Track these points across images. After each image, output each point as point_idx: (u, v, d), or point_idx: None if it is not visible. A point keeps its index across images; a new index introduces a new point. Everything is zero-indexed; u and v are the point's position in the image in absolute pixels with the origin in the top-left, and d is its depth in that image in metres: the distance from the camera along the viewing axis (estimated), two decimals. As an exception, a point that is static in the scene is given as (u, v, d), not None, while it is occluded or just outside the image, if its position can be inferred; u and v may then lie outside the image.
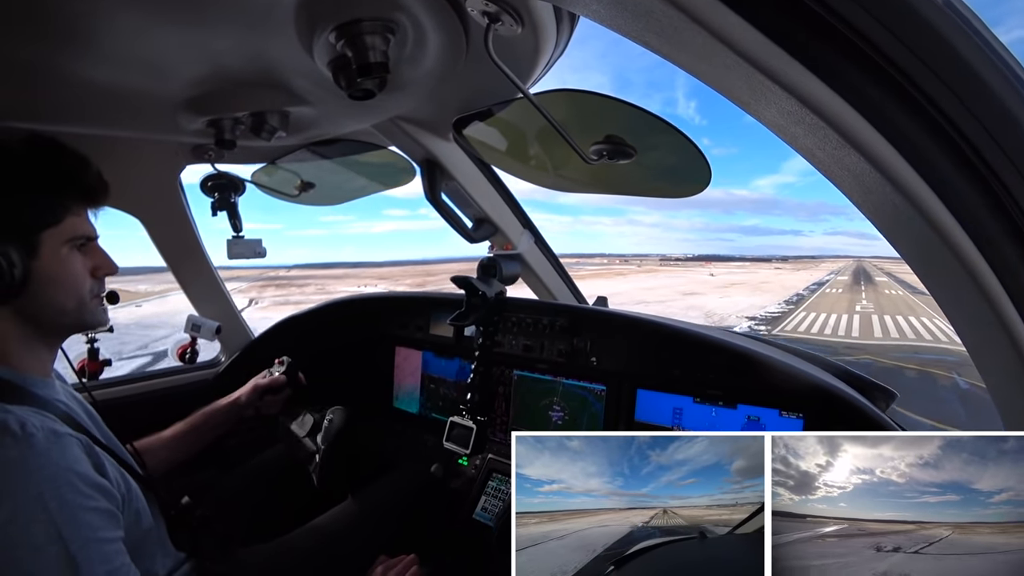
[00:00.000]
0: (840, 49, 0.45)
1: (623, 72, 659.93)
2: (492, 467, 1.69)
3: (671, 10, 0.47)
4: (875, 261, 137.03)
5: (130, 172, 1.67)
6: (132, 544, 0.83)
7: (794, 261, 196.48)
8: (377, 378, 2.17)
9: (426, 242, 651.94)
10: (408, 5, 0.78)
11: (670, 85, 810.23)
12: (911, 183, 0.50)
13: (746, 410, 1.39)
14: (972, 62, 0.44)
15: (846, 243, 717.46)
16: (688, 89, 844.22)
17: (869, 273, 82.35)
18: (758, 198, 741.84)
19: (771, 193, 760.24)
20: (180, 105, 1.16)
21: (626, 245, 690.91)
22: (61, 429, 0.79)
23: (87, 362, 1.87)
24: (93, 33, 0.84)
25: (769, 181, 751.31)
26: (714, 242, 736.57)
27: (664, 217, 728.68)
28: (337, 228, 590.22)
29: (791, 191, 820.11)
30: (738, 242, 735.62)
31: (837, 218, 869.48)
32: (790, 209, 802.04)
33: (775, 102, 0.53)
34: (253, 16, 0.81)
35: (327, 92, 1.11)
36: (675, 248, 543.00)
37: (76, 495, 0.74)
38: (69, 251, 0.90)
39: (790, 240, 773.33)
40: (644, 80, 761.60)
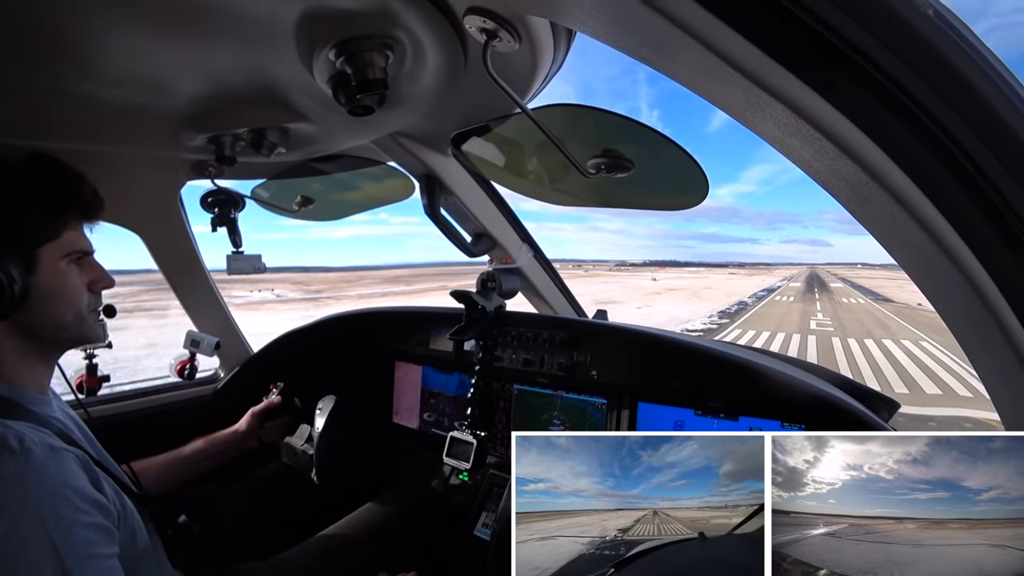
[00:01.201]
0: (835, 62, 0.45)
1: (588, 81, 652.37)
2: (493, 482, 1.68)
3: (667, 25, 0.48)
4: (828, 268, 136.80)
5: (131, 188, 1.67)
6: (128, 563, 0.82)
7: (750, 267, 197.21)
8: (377, 393, 2.16)
9: (387, 247, 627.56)
10: (407, 22, 0.79)
11: (634, 94, 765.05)
12: (907, 192, 0.51)
13: (748, 422, 1.39)
14: (964, 72, 0.45)
15: (800, 250, 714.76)
16: (651, 99, 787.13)
17: (823, 280, 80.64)
18: (718, 206, 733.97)
19: (730, 202, 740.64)
20: (181, 122, 1.17)
21: (590, 251, 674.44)
22: (58, 444, 0.78)
23: (85, 378, 1.86)
24: (94, 51, 0.85)
25: (728, 190, 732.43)
26: (675, 248, 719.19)
27: (626, 224, 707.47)
28: (298, 232, 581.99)
29: (750, 200, 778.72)
30: (698, 249, 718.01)
31: (793, 226, 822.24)
32: (748, 217, 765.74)
33: (772, 115, 0.53)
34: (253, 33, 0.82)
35: (327, 108, 1.12)
36: (637, 254, 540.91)
37: (73, 511, 0.73)
38: (67, 265, 0.90)
39: (747, 248, 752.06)
40: (608, 89, 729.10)
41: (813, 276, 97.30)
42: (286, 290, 46.74)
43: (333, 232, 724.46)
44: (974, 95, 0.45)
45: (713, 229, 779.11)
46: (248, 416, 1.54)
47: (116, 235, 1.72)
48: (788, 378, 1.33)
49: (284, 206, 1.96)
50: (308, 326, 2.21)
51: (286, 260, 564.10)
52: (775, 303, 36.41)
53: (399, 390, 2.13)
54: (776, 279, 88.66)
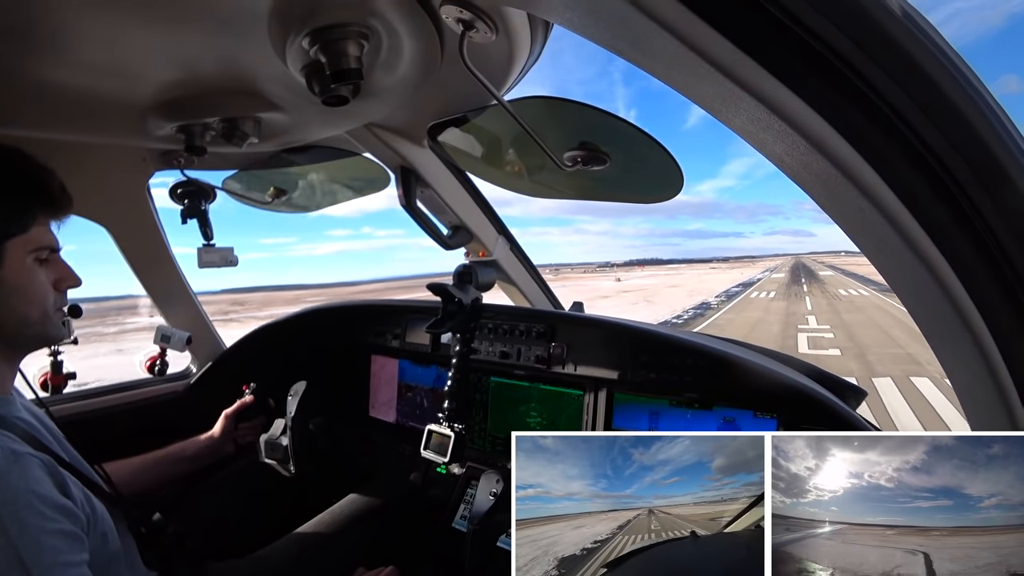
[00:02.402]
0: (807, 59, 0.46)
1: (564, 84, 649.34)
2: (471, 475, 1.68)
3: (643, 19, 0.48)
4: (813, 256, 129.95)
5: (96, 179, 1.62)
6: (100, 567, 0.81)
7: (734, 261, 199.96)
8: (353, 387, 2.14)
9: (372, 262, 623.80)
10: (383, 11, 0.78)
11: (610, 95, 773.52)
12: (874, 187, 0.52)
13: (722, 412, 1.41)
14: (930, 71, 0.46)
15: (783, 241, 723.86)
16: (628, 99, 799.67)
17: (811, 269, 71.65)
18: (700, 202, 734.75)
19: (712, 197, 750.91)
20: (149, 110, 1.13)
21: (576, 254, 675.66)
22: (21, 449, 0.76)
23: (50, 375, 1.80)
24: (57, 35, 0.82)
25: (709, 186, 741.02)
26: (660, 247, 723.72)
27: (611, 225, 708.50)
28: (280, 251, 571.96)
29: (730, 194, 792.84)
30: (683, 246, 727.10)
31: (775, 218, 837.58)
32: (730, 211, 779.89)
33: (745, 110, 0.54)
34: (224, 20, 0.80)
35: (300, 98, 1.10)
36: (623, 254, 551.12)
37: (37, 518, 0.71)
38: (33, 262, 0.88)
39: (732, 242, 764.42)
40: (584, 92, 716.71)
41: (799, 266, 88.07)
42: (213, 311, 45.69)
43: (317, 249, 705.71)
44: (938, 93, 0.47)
45: (697, 225, 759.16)
46: (222, 420, 1.53)
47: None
48: (761, 368, 1.35)
49: (256, 197, 1.92)
50: (283, 319, 2.18)
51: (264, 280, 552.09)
52: (750, 302, 28.34)
53: (375, 384, 2.12)
54: (757, 271, 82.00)
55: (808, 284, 40.54)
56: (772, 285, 42.26)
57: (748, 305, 26.91)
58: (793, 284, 42.04)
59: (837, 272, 59.24)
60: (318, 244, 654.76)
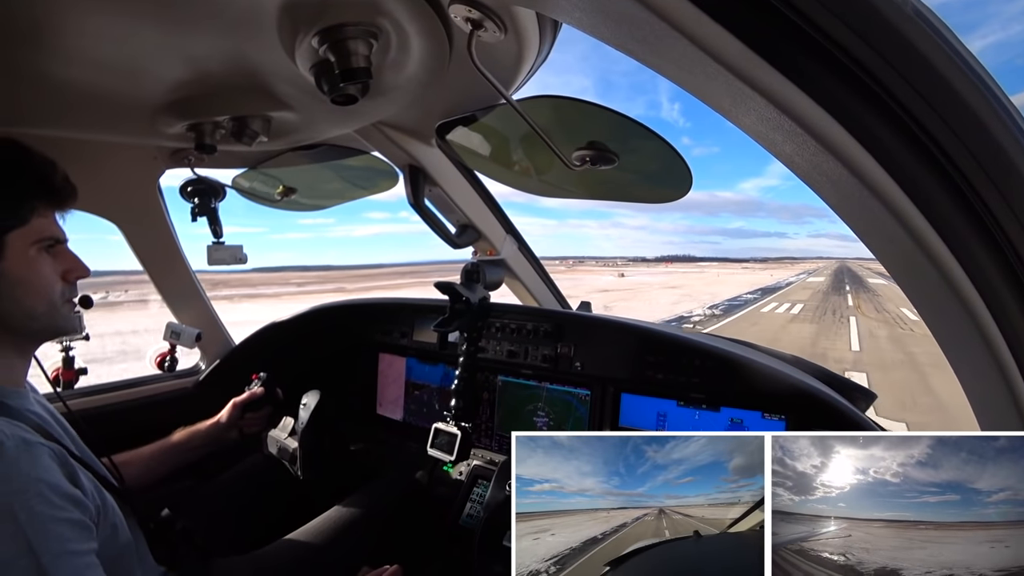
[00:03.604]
0: (817, 58, 0.46)
1: (606, 75, 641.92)
2: (477, 473, 1.69)
3: (653, 19, 0.48)
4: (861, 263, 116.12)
5: (108, 177, 1.64)
6: (110, 559, 0.81)
7: (772, 263, 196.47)
8: (360, 385, 2.15)
9: (408, 245, 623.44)
10: (391, 10, 0.78)
11: (653, 88, 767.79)
12: (886, 188, 0.52)
13: (729, 412, 1.41)
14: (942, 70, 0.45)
15: (829, 245, 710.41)
16: (672, 92, 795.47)
17: (857, 275, 56.42)
18: (742, 200, 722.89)
19: (755, 195, 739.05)
20: (159, 109, 1.14)
21: (612, 248, 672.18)
22: (32, 438, 0.77)
23: (61, 371, 1.82)
24: (69, 33, 0.82)
25: (753, 184, 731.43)
26: (699, 244, 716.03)
27: (650, 220, 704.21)
28: (320, 231, 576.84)
29: (774, 193, 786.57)
30: (723, 245, 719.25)
31: (821, 220, 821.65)
32: (774, 211, 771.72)
33: (755, 109, 0.54)
34: (234, 19, 0.80)
35: (309, 97, 1.10)
36: (659, 250, 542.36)
37: (46, 506, 0.72)
38: (37, 253, 0.88)
39: (774, 242, 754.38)
40: (628, 83, 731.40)
41: (842, 270, 71.89)
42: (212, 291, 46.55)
43: (354, 231, 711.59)
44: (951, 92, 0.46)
45: (738, 223, 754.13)
46: (230, 407, 1.53)
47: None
48: (769, 370, 1.35)
49: (266, 196, 1.93)
50: (291, 318, 2.19)
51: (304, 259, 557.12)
52: (757, 319, 19.39)
53: (383, 382, 2.12)
54: (791, 273, 70.97)
55: (854, 295, 29.21)
56: (802, 294, 30.59)
57: (750, 326, 17.48)
58: (833, 293, 30.79)
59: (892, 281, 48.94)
60: (356, 226, 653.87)
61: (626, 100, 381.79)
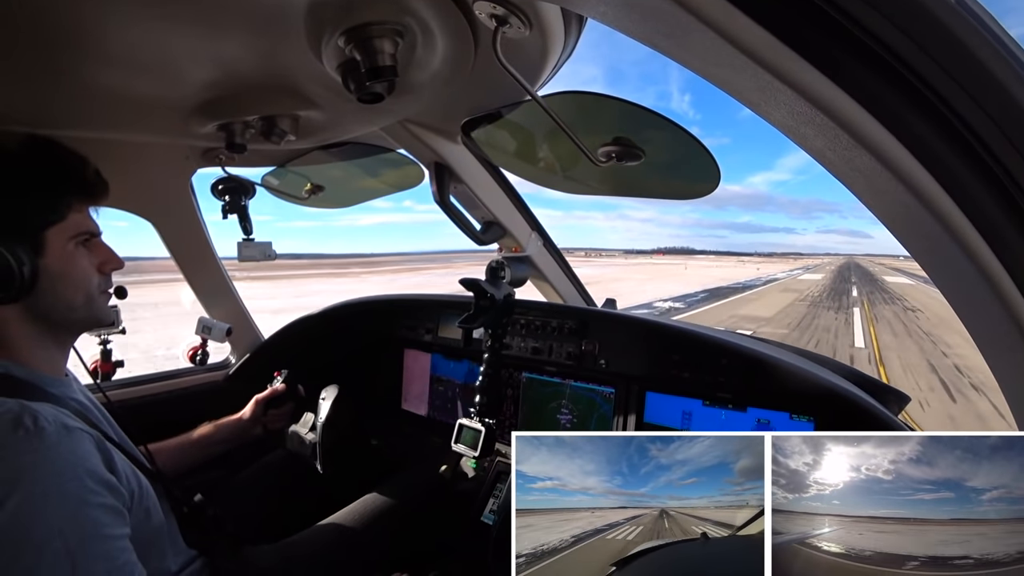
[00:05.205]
0: (850, 49, 0.44)
1: (616, 64, 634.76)
2: (500, 469, 1.69)
3: (680, 12, 0.47)
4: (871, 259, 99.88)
5: (141, 176, 1.68)
6: (144, 541, 0.84)
7: (778, 257, 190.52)
8: (386, 380, 2.18)
9: (410, 235, 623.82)
10: (416, 9, 0.79)
11: (664, 78, 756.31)
12: (923, 183, 0.50)
13: (756, 413, 1.38)
14: (984, 60, 0.44)
15: (838, 241, 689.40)
16: (683, 83, 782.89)
17: (869, 272, 49.53)
18: (751, 194, 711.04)
19: (764, 190, 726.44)
20: (191, 109, 1.17)
21: (618, 240, 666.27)
22: (72, 424, 0.79)
23: (100, 363, 1.89)
24: (105, 38, 0.85)
25: (763, 178, 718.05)
26: (706, 238, 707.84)
27: (657, 213, 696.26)
28: (327, 220, 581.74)
29: (784, 188, 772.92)
30: (730, 239, 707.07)
31: (831, 215, 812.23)
32: (783, 206, 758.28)
33: (785, 103, 0.52)
34: (263, 20, 0.81)
35: (336, 95, 1.11)
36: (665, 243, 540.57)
37: (83, 491, 0.74)
38: (75, 247, 0.92)
39: (781, 237, 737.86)
40: (637, 73, 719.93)
41: (849, 266, 61.91)
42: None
43: (359, 220, 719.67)
44: (993, 83, 0.44)
45: (746, 218, 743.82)
46: (252, 404, 1.56)
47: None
48: (798, 370, 1.32)
49: (294, 193, 1.97)
50: (318, 313, 2.22)
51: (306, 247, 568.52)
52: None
53: (408, 377, 2.15)
54: (780, 270, 61.49)
55: (866, 303, 20.64)
56: (781, 297, 22.11)
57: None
58: (834, 296, 23.09)
59: (919, 282, 30.01)
60: (360, 215, 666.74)
61: (636, 90, 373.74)
